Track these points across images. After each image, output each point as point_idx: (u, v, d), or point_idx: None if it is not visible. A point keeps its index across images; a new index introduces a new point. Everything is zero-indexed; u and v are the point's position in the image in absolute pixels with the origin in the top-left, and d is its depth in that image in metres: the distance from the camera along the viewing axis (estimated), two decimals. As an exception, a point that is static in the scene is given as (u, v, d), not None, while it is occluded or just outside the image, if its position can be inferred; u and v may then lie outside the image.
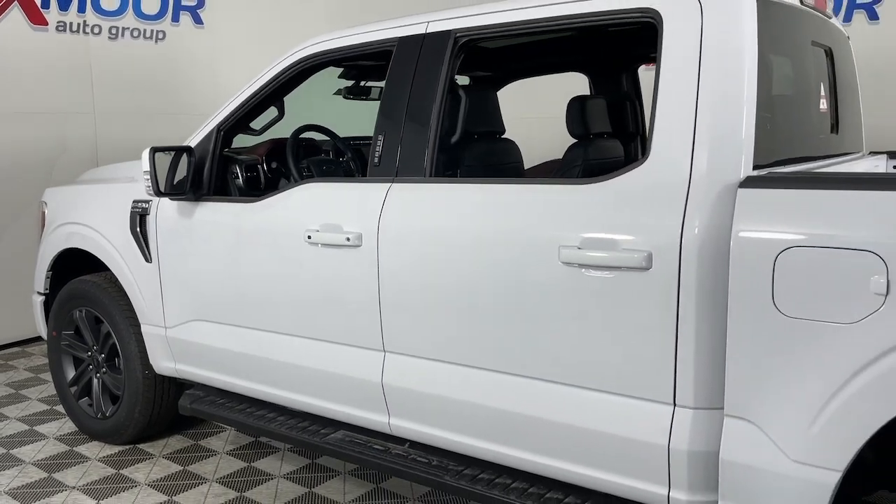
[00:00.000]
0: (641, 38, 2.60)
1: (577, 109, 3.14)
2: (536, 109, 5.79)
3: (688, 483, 2.15)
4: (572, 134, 3.17)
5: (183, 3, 6.41)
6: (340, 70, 3.82)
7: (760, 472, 2.01)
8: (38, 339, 5.28)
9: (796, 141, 2.54)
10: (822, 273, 1.87)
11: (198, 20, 6.53)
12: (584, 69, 4.01)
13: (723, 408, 2.07)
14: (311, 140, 3.86)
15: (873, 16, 6.08)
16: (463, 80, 4.29)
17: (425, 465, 2.74)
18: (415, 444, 2.83)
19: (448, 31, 2.69)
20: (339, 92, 3.99)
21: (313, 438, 3.04)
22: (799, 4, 2.53)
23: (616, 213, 2.21)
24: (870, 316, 1.81)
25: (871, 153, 3.47)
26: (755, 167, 2.09)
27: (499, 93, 3.94)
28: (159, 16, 6.30)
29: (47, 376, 4.82)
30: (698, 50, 2.15)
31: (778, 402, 1.97)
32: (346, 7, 7.03)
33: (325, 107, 4.23)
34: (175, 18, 6.40)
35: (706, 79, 2.13)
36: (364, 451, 2.90)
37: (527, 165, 3.73)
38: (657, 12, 2.24)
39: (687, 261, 2.06)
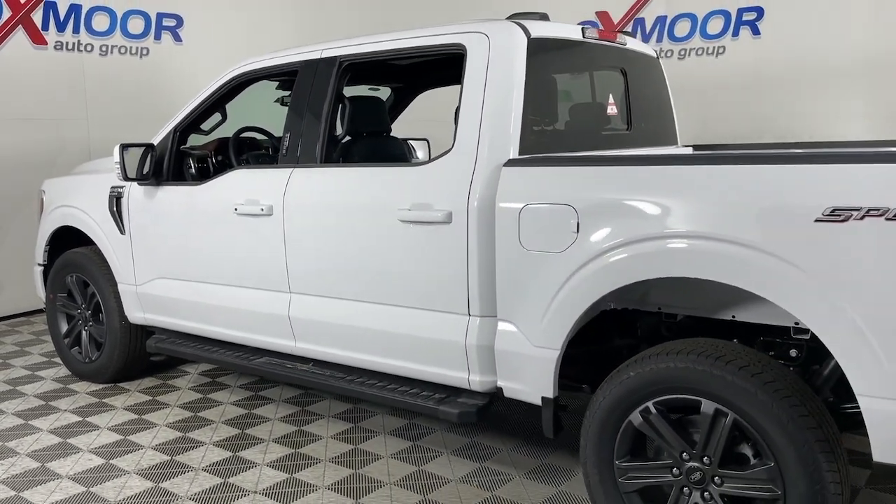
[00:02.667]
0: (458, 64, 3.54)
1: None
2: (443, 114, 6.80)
3: (479, 368, 3.14)
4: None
5: (164, 23, 7.43)
6: (276, 83, 4.80)
7: (518, 356, 3.00)
8: (40, 310, 6.27)
9: (571, 136, 3.54)
10: (544, 221, 2.86)
11: (177, 38, 7.55)
12: (430, 86, 5.00)
13: (496, 315, 3.06)
14: (254, 139, 4.85)
15: (756, 31, 7.07)
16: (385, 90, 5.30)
17: (321, 376, 3.73)
18: (316, 363, 3.82)
19: (335, 57, 3.69)
20: (278, 100, 4.97)
21: (244, 363, 4.03)
22: (581, 38, 3.51)
23: (432, 186, 3.19)
24: (570, 246, 2.80)
25: (686, 146, 4.44)
26: (521, 154, 3.07)
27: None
28: (143, 34, 7.31)
29: (47, 338, 5.81)
30: (485, 73, 3.13)
31: (525, 307, 2.96)
32: (313, 24, 8.02)
33: (272, 112, 5.21)
34: (157, 37, 7.41)
35: (489, 94, 3.11)
36: (280, 369, 3.89)
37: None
38: (464, 46, 3.23)
39: (472, 217, 3.05)
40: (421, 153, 5.62)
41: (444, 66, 3.91)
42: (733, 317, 2.80)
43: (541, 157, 3.04)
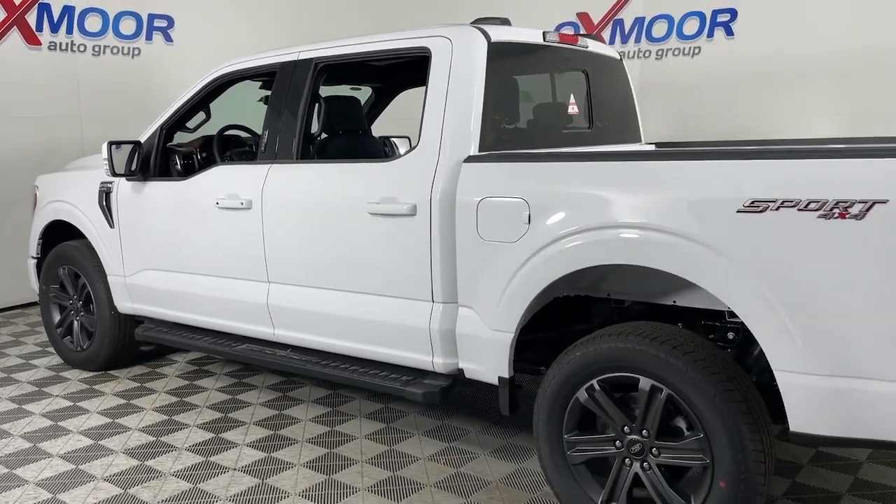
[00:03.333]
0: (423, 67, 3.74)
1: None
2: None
3: (442, 351, 3.35)
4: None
5: (155, 24, 7.63)
6: (260, 83, 5.01)
7: (476, 339, 3.22)
8: (35, 303, 6.47)
9: (533, 134, 3.75)
10: (500, 213, 3.07)
11: (168, 38, 7.75)
12: (405, 87, 5.22)
13: (457, 301, 3.28)
14: (238, 137, 5.05)
15: (730, 32, 7.29)
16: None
17: (297, 361, 3.94)
18: (293, 349, 4.03)
19: (311, 59, 3.89)
20: (261, 99, 5.17)
21: (227, 349, 4.25)
22: (542, 41, 3.71)
23: (398, 181, 3.40)
24: (522, 237, 3.01)
25: (650, 143, 4.66)
26: (481, 151, 3.28)
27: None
28: (135, 35, 7.51)
29: (41, 329, 6.02)
30: (448, 75, 3.34)
31: (482, 294, 3.17)
32: (301, 25, 8.21)
33: (256, 110, 5.42)
34: (149, 37, 7.61)
35: (451, 94, 3.32)
36: (260, 355, 4.10)
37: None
38: (429, 49, 3.44)
39: (434, 209, 3.26)
40: (402, 150, 5.82)
41: (416, 68, 4.12)
42: (674, 302, 3.01)
43: (497, 154, 3.25)
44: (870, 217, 2.28)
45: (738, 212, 2.50)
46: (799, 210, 2.39)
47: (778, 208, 2.42)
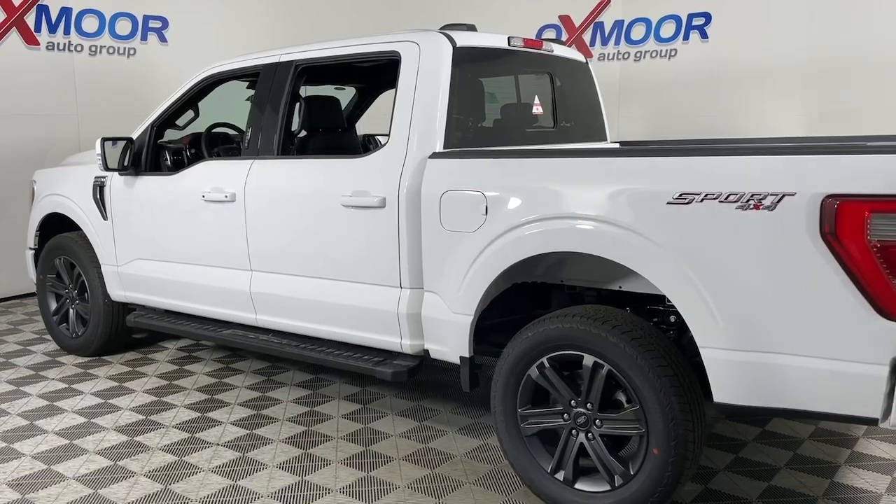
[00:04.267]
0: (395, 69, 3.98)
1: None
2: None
3: (409, 333, 3.61)
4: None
5: (150, 25, 7.89)
6: (247, 83, 5.26)
7: (440, 321, 3.48)
8: (32, 294, 6.73)
9: (499, 132, 4.01)
10: (460, 205, 3.33)
11: (162, 39, 8.01)
12: (383, 87, 5.49)
13: (423, 287, 3.54)
14: (226, 134, 5.31)
15: (704, 35, 7.55)
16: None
17: (278, 344, 4.20)
18: (275, 333, 4.29)
19: (291, 61, 4.15)
20: (249, 98, 5.43)
21: (213, 334, 4.51)
22: (507, 46, 3.97)
23: (370, 176, 3.66)
24: (480, 227, 3.27)
25: (615, 142, 4.92)
26: (446, 148, 3.54)
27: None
28: (130, 35, 7.77)
29: (38, 318, 6.28)
30: (416, 77, 3.60)
31: (445, 280, 3.44)
32: (291, 26, 8.47)
33: (245, 109, 5.68)
34: (144, 38, 7.87)
35: (418, 95, 3.58)
36: (244, 339, 4.36)
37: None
38: (399, 53, 3.70)
39: (402, 202, 3.52)
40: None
41: (390, 70, 4.38)
42: (620, 288, 3.28)
43: (458, 151, 3.50)
44: (780, 208, 2.54)
45: (667, 203, 2.76)
46: (720, 202, 2.65)
47: (702, 200, 2.69)
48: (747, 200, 2.60)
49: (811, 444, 3.83)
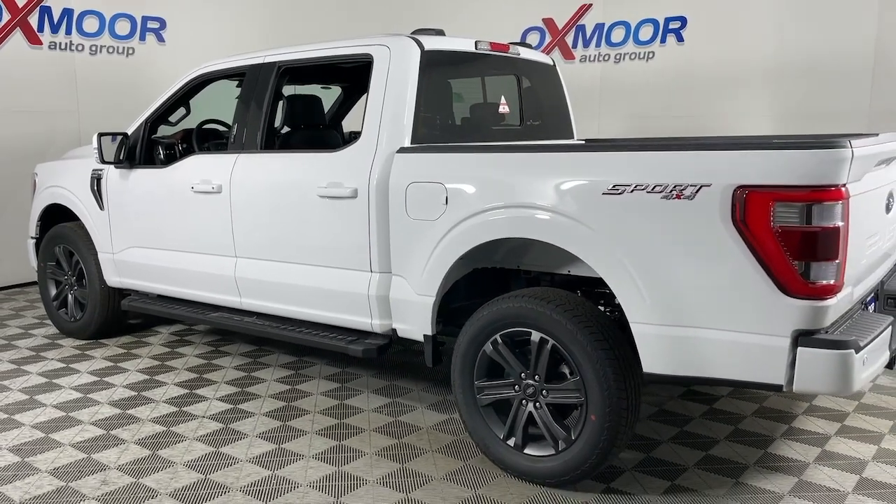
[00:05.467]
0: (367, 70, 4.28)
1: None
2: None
3: (379, 314, 3.93)
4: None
5: (148, 25, 8.21)
6: (237, 82, 5.57)
7: (406, 302, 3.79)
8: (34, 283, 7.05)
9: (466, 129, 4.32)
10: (424, 196, 3.64)
11: (160, 38, 8.33)
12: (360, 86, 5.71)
13: (391, 271, 3.85)
14: (216, 130, 5.62)
15: (680, 38, 7.85)
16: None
17: (261, 326, 4.51)
18: (258, 316, 4.60)
19: (274, 62, 4.47)
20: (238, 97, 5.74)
21: (201, 317, 4.82)
22: (473, 49, 4.28)
23: (343, 168, 3.97)
24: (441, 216, 3.58)
25: (581, 139, 5.22)
26: (413, 143, 3.85)
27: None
28: (129, 36, 8.09)
29: (40, 304, 6.60)
30: (386, 78, 3.91)
31: (411, 264, 3.75)
32: (285, 28, 8.78)
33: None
34: (142, 38, 8.19)
35: (388, 95, 3.89)
36: (230, 321, 4.68)
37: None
38: (371, 55, 4.01)
39: (372, 192, 3.83)
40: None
41: (365, 71, 4.70)
42: (569, 272, 3.58)
43: (422, 146, 3.81)
44: (698, 197, 2.85)
45: (603, 194, 3.07)
46: (647, 192, 2.96)
47: (632, 191, 3.00)
48: (671, 191, 2.91)
49: (753, 420, 4.13)
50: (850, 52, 6.81)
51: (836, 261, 2.71)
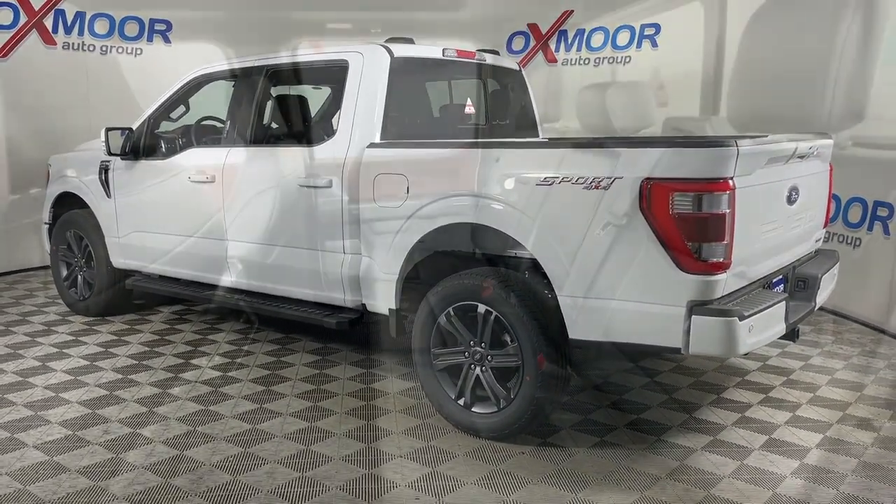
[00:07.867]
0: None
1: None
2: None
3: (350, 291, 4.43)
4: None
5: (156, 27, 8.73)
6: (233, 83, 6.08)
7: (374, 280, 4.30)
8: (47, 266, 7.59)
9: (434, 128, 4.81)
10: (389, 185, 4.13)
11: (167, 40, 8.84)
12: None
13: (361, 253, 4.36)
14: (213, 125, 6.13)
15: (654, 44, 8.30)
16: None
17: (249, 302, 5.03)
18: (248, 293, 5.12)
19: (263, 66, 4.97)
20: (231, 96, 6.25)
21: (197, 294, 5.34)
22: (441, 56, 4.77)
23: (320, 161, 4.48)
24: (403, 203, 4.08)
25: (546, 138, 5.70)
26: (382, 139, 4.34)
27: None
28: (138, 37, 8.62)
29: (51, 285, 7.12)
30: (359, 82, 4.41)
31: (378, 247, 4.25)
32: (281, 29, 9.26)
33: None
34: (150, 39, 8.71)
35: (361, 96, 4.38)
36: (222, 299, 5.19)
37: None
38: (347, 61, 4.51)
39: (344, 182, 4.33)
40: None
41: (343, 75, 5.21)
42: (515, 254, 4.07)
43: (388, 142, 4.31)
44: (612, 188, 3.34)
45: (536, 185, 3.56)
46: (572, 184, 3.45)
47: (560, 182, 3.49)
48: (591, 182, 3.39)
49: (687, 391, 4.60)
50: (810, 58, 7.25)
51: (724, 242, 3.20)
